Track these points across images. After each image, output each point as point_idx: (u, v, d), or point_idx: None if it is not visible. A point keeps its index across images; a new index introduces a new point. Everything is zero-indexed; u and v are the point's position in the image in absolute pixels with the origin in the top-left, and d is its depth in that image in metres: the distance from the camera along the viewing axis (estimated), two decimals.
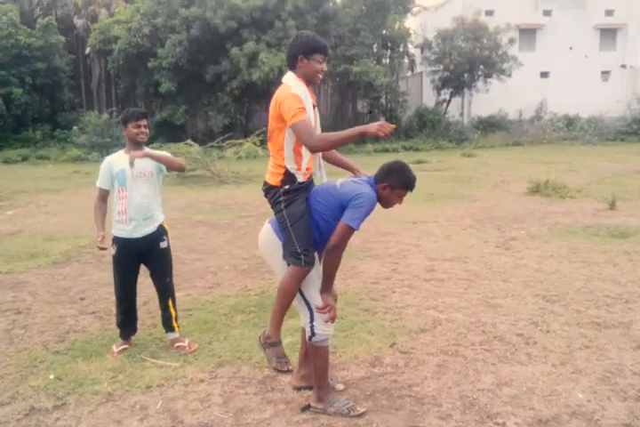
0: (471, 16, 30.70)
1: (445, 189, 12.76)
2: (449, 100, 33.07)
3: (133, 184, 3.99)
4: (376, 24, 29.54)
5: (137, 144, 4.06)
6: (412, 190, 3.18)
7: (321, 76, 3.15)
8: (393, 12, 29.47)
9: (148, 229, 4.03)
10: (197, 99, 29.33)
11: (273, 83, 26.33)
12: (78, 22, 34.83)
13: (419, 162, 20.24)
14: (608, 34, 35.93)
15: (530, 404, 3.27)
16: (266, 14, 26.79)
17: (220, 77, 27.47)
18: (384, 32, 30.42)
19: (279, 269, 3.19)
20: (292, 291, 3.12)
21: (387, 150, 27.24)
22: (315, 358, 3.22)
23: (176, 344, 4.14)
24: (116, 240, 4.05)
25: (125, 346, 4.15)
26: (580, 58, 35.03)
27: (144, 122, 4.05)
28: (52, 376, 3.71)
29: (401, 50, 31.77)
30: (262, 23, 27.01)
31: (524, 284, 5.57)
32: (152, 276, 4.23)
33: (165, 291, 4.20)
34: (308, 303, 3.14)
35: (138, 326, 4.30)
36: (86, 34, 32.99)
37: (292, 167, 3.09)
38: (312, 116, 3.06)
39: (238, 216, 9.82)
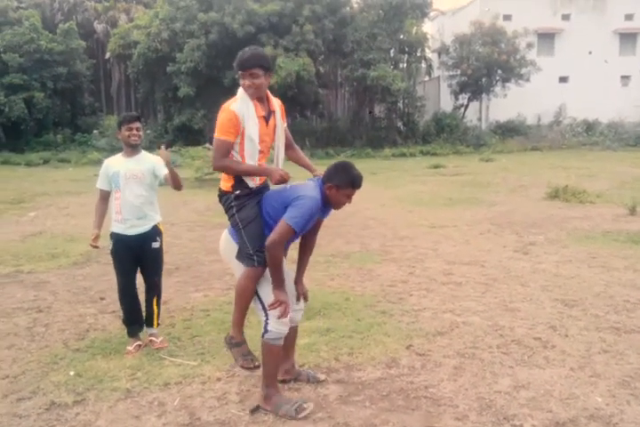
0: (489, 20, 30.61)
1: (464, 194, 12.71)
2: (467, 105, 32.96)
3: (126, 186, 4.13)
4: (393, 29, 29.56)
5: (131, 147, 4.19)
6: (358, 188, 3.22)
7: (250, 91, 3.18)
8: (410, 16, 29.48)
9: (141, 228, 4.18)
10: (216, 103, 29.20)
11: (290, 87, 26.48)
12: (98, 27, 35.32)
13: (436, 166, 20.19)
14: (628, 38, 35.62)
15: (547, 406, 3.25)
16: (283, 19, 26.96)
17: (238, 82, 27.53)
18: (401, 37, 30.42)
19: (238, 273, 3.26)
20: (248, 291, 3.20)
21: (404, 155, 27.24)
22: (265, 355, 3.24)
23: (150, 338, 4.28)
24: (112, 235, 4.20)
25: (138, 342, 4.23)
26: (600, 62, 34.72)
27: (136, 125, 4.17)
28: (72, 373, 3.77)
29: (418, 54, 31.73)
30: (280, 28, 27.18)
31: (543, 288, 5.53)
32: (142, 273, 4.35)
33: (152, 288, 4.33)
34: (261, 301, 3.21)
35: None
36: (106, 39, 33.42)
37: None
38: (255, 130, 3.15)
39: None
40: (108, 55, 33.47)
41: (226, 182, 3.23)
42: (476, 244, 7.61)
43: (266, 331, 3.19)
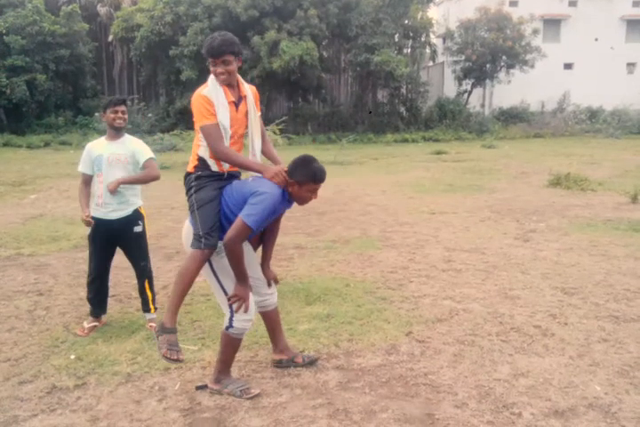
0: (495, 6, 30.28)
1: (464, 181, 12.68)
2: (470, 91, 32.75)
3: (109, 169, 4.15)
4: (398, 14, 29.29)
5: (115, 130, 4.19)
6: (320, 182, 3.15)
7: (222, 77, 3.16)
8: (416, 1, 29.21)
9: (122, 212, 4.19)
10: None
11: (294, 72, 26.33)
12: (102, 10, 34.97)
13: (438, 153, 20.14)
14: (635, 25, 35.25)
15: (546, 395, 3.26)
16: (287, 3, 26.71)
17: (241, 66, 27.38)
18: (406, 22, 30.17)
19: None
20: (191, 274, 3.13)
21: (406, 140, 27.15)
22: (225, 346, 3.27)
23: (149, 324, 4.30)
24: (92, 219, 4.19)
25: (95, 324, 4.30)
26: (606, 49, 34.41)
27: (122, 108, 4.16)
28: (72, 356, 3.79)
29: (423, 40, 31.49)
30: (284, 12, 26.93)
31: (543, 276, 5.53)
32: (128, 259, 4.39)
33: (142, 274, 4.34)
34: (227, 295, 3.17)
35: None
36: (109, 22, 33.15)
37: (204, 154, 3.17)
38: (225, 115, 3.12)
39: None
40: (110, 38, 33.19)
41: (190, 163, 3.23)
42: (476, 231, 7.60)
43: (230, 326, 3.20)
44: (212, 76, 3.18)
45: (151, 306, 4.35)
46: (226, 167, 3.19)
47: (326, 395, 3.28)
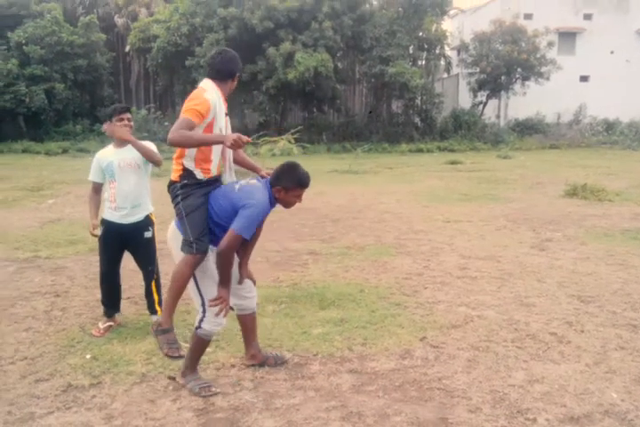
0: (509, 19, 30.30)
1: (480, 190, 12.63)
2: (485, 103, 32.70)
3: (121, 175, 4.20)
4: (412, 26, 29.44)
5: (120, 143, 4.24)
6: (305, 187, 3.25)
7: (229, 91, 3.39)
8: (430, 14, 29.33)
9: (135, 217, 4.25)
10: (233, 97, 29.49)
11: (308, 82, 26.49)
12: (119, 21, 35.54)
13: (452, 162, 20.11)
14: None
15: (561, 401, 3.23)
16: (302, 15, 26.93)
17: (256, 76, 27.68)
18: (420, 34, 30.29)
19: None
20: (184, 278, 3.22)
21: (421, 150, 27.17)
22: (194, 344, 3.34)
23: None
24: (104, 222, 4.28)
25: (110, 323, 4.35)
26: (622, 62, 34.22)
27: (127, 115, 4.23)
28: (88, 356, 3.82)
29: (437, 52, 31.61)
30: (299, 24, 27.16)
31: (559, 284, 5.49)
32: (137, 263, 4.45)
33: (149, 277, 4.38)
34: (202, 297, 3.25)
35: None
36: (126, 32, 33.65)
37: (189, 165, 3.22)
38: (223, 123, 3.25)
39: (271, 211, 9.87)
40: (127, 48, 33.68)
41: (174, 173, 3.28)
42: (491, 239, 7.56)
43: (199, 327, 3.27)
44: (211, 83, 3.27)
45: (157, 308, 4.36)
46: (214, 172, 3.27)
47: (339, 398, 3.27)
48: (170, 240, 3.35)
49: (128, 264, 6.23)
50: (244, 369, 3.63)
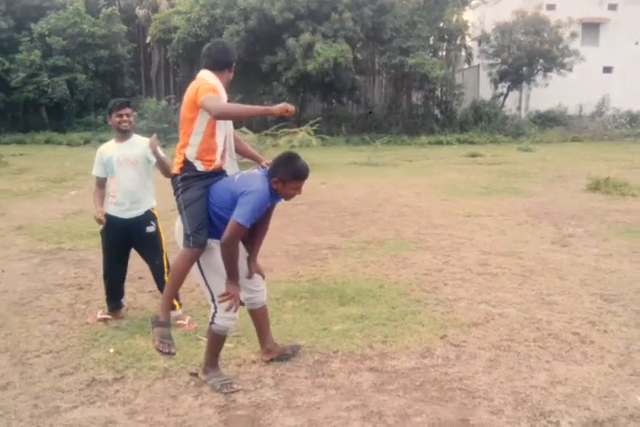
0: (531, 10, 29.83)
1: (500, 184, 12.51)
2: (506, 94, 32.33)
3: (120, 170, 4.24)
4: (433, 17, 29.18)
5: (122, 132, 4.28)
6: (303, 180, 3.19)
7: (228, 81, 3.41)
8: (451, 4, 29.03)
9: (135, 211, 4.29)
10: (253, 88, 29.61)
11: (328, 73, 26.38)
12: (140, 12, 35.68)
13: (472, 155, 19.94)
14: None
15: (585, 404, 3.19)
16: (322, 6, 26.80)
17: (276, 67, 27.65)
18: (441, 25, 30.01)
19: None
20: (181, 271, 3.25)
21: (441, 143, 26.99)
22: (210, 340, 3.36)
23: (178, 322, 4.30)
24: (106, 216, 4.32)
25: (108, 317, 4.41)
26: None
27: (126, 111, 4.24)
28: (111, 350, 3.86)
29: (458, 42, 31.28)
30: (319, 15, 27.03)
31: (582, 282, 5.42)
32: (144, 259, 4.48)
33: (158, 272, 4.38)
34: (211, 293, 3.26)
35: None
36: (147, 24, 33.77)
37: (191, 156, 3.22)
38: None
39: (290, 203, 9.80)
40: (148, 39, 33.82)
41: (175, 165, 3.29)
42: (512, 234, 7.49)
43: (213, 322, 3.29)
44: (208, 73, 3.28)
45: (175, 302, 4.32)
46: (218, 161, 3.27)
47: (360, 396, 3.27)
48: (176, 235, 3.37)
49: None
50: (265, 366, 3.64)
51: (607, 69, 34.19)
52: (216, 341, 3.37)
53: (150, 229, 4.31)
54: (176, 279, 3.29)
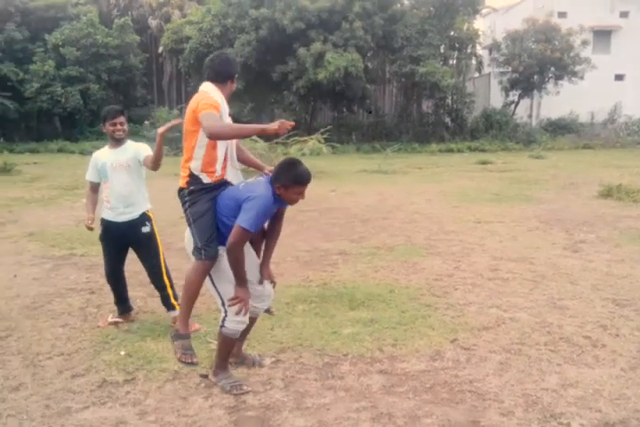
0: (542, 17, 29.83)
1: (511, 190, 12.47)
2: (517, 102, 32.28)
3: (113, 175, 4.29)
4: (444, 25, 29.26)
5: (115, 140, 4.32)
6: (305, 185, 3.21)
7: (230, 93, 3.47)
8: (462, 13, 29.10)
9: (129, 215, 4.33)
10: (264, 97, 29.81)
11: (338, 82, 26.51)
12: (152, 23, 36.12)
13: (483, 162, 19.91)
14: None
15: (596, 406, 3.17)
16: (333, 15, 26.98)
17: (287, 77, 27.83)
18: (452, 33, 30.08)
19: None
20: (194, 284, 3.30)
21: (451, 150, 26.98)
22: (220, 343, 3.39)
23: (174, 323, 4.29)
24: (102, 221, 4.39)
25: (119, 320, 4.44)
26: None
27: (120, 119, 4.27)
28: (122, 352, 3.89)
29: (469, 51, 31.33)
30: (329, 24, 27.20)
31: (593, 287, 5.39)
32: (140, 260, 4.49)
33: (155, 272, 4.39)
34: (221, 297, 3.29)
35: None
36: (160, 34, 34.15)
37: (196, 169, 3.26)
38: (227, 122, 3.28)
39: (300, 210, 9.88)
40: (160, 50, 34.19)
41: (181, 179, 3.33)
42: (523, 240, 7.46)
43: (223, 326, 3.31)
44: (212, 86, 3.33)
45: (174, 302, 4.34)
46: (219, 172, 3.30)
47: (370, 398, 3.27)
48: (187, 245, 3.41)
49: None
50: (275, 368, 3.65)
51: (619, 77, 34.05)
52: (226, 344, 3.39)
53: (145, 229, 4.34)
54: (191, 293, 3.34)
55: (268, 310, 3.69)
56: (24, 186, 14.16)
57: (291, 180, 3.17)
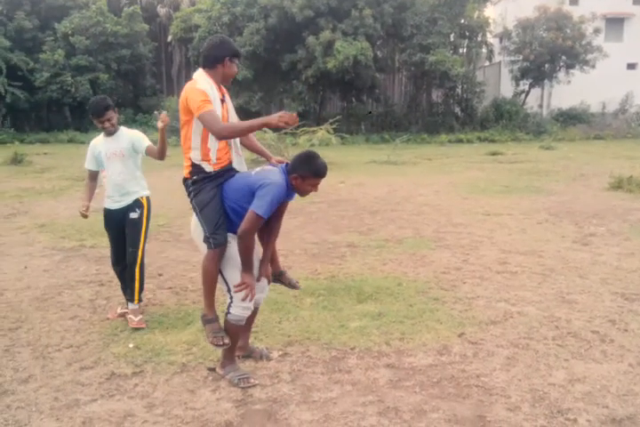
0: (554, 5, 29.46)
1: (521, 182, 12.40)
2: (528, 91, 31.99)
3: (109, 164, 4.36)
4: (454, 13, 28.94)
5: (108, 134, 4.35)
6: (322, 177, 3.27)
7: (232, 77, 3.41)
8: (472, 1, 28.76)
9: (123, 202, 4.40)
10: (273, 86, 29.71)
11: (348, 71, 26.35)
12: (161, 11, 35.97)
13: (493, 153, 19.78)
14: None
15: (604, 402, 3.16)
16: (342, 3, 26.76)
17: (296, 66, 27.70)
18: (462, 21, 29.76)
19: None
20: (211, 271, 3.32)
21: (461, 141, 26.81)
22: (227, 331, 3.38)
23: (128, 315, 4.34)
24: (104, 211, 4.49)
25: (127, 311, 4.42)
26: None
27: (106, 117, 4.25)
28: (131, 345, 3.92)
29: (479, 39, 30.98)
30: (339, 12, 27.00)
31: (602, 281, 5.36)
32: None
33: (131, 260, 4.38)
34: (227, 283, 3.31)
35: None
36: (168, 22, 34.04)
37: (196, 158, 3.26)
38: (219, 111, 3.22)
39: (309, 202, 9.87)
40: (169, 38, 34.09)
41: (185, 169, 3.34)
42: (532, 233, 7.43)
43: (229, 312, 3.33)
44: (201, 72, 3.30)
45: (135, 296, 4.34)
46: (220, 161, 3.29)
47: (376, 392, 3.28)
48: (193, 234, 3.45)
49: (170, 254, 6.40)
50: (282, 361, 3.67)
51: (631, 66, 33.66)
52: (233, 332, 3.38)
53: (133, 215, 4.36)
54: (210, 279, 3.35)
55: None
56: (35, 177, 14.24)
57: (310, 171, 3.21)
